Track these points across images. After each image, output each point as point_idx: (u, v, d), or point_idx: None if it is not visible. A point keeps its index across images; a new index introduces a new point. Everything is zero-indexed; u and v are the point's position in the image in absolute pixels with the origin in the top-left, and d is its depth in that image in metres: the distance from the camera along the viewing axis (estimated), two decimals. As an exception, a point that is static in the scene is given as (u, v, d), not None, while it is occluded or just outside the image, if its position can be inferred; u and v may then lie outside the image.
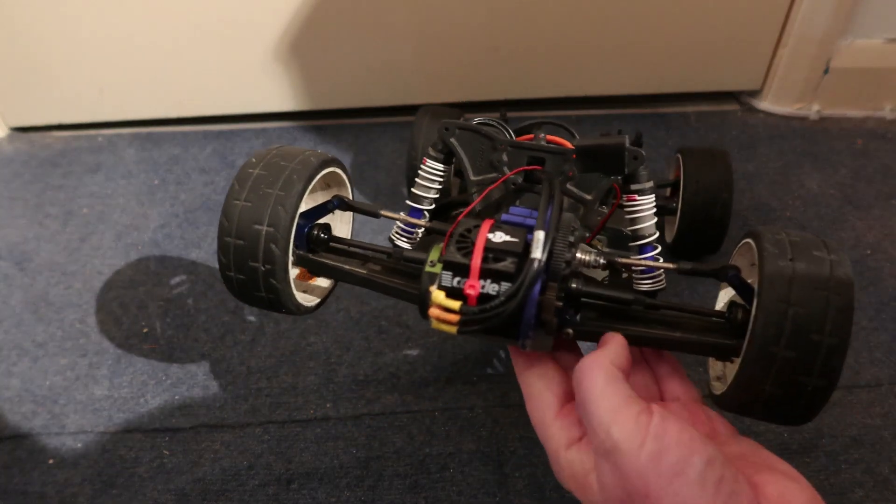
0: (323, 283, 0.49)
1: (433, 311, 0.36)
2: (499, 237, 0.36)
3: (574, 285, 0.39)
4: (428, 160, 0.46)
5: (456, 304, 0.35)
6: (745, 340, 0.35)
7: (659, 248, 0.43)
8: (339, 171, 0.47)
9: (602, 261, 0.40)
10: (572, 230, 0.37)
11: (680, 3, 0.86)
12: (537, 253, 0.34)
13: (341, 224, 0.52)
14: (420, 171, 0.46)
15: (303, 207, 0.43)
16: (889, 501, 0.54)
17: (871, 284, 0.71)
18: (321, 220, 0.46)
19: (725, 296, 0.47)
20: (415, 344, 0.66)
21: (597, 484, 0.32)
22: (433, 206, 0.47)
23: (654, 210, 0.43)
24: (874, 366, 0.63)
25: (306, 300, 0.46)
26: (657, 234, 0.43)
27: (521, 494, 0.55)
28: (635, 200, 0.42)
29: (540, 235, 0.35)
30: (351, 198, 0.49)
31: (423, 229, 0.47)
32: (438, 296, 0.36)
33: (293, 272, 0.45)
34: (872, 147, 0.89)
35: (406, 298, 0.42)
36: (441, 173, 0.46)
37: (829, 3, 0.83)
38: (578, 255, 0.39)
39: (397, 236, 0.47)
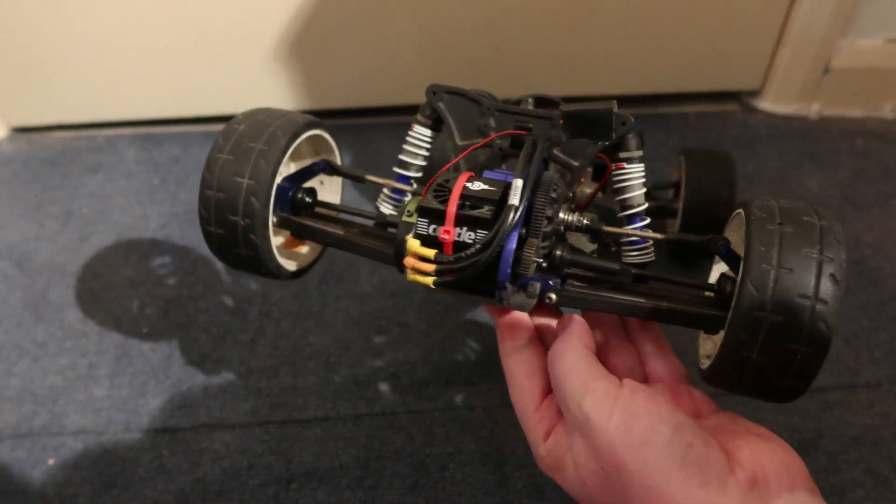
0: (307, 250, 0.49)
1: (408, 260, 0.36)
2: (477, 186, 0.36)
3: (559, 252, 0.38)
4: (416, 126, 0.45)
5: (430, 252, 0.35)
6: (731, 307, 0.34)
7: (648, 220, 0.42)
8: (326, 136, 0.47)
9: (586, 222, 0.39)
10: (554, 187, 0.37)
11: (680, 3, 0.86)
12: (514, 200, 0.34)
13: (330, 192, 0.52)
14: (407, 138, 0.46)
15: (290, 170, 0.42)
16: (889, 501, 0.54)
17: (870, 284, 0.71)
18: (307, 185, 0.46)
19: (718, 270, 0.46)
20: (415, 344, 0.66)
21: (572, 462, 0.33)
22: (420, 173, 0.46)
23: (644, 180, 0.42)
24: (874, 366, 0.63)
25: (287, 264, 0.46)
26: (646, 205, 0.42)
27: (521, 494, 0.55)
28: (624, 169, 0.42)
29: (518, 183, 0.35)
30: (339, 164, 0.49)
31: (409, 196, 0.46)
32: (413, 244, 0.36)
33: (279, 238, 0.46)
34: (872, 147, 0.89)
35: (380, 259, 0.42)
36: (428, 139, 0.45)
37: (829, 3, 0.83)
38: (561, 214, 0.39)
39: (383, 202, 0.47)
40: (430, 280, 0.36)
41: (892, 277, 0.71)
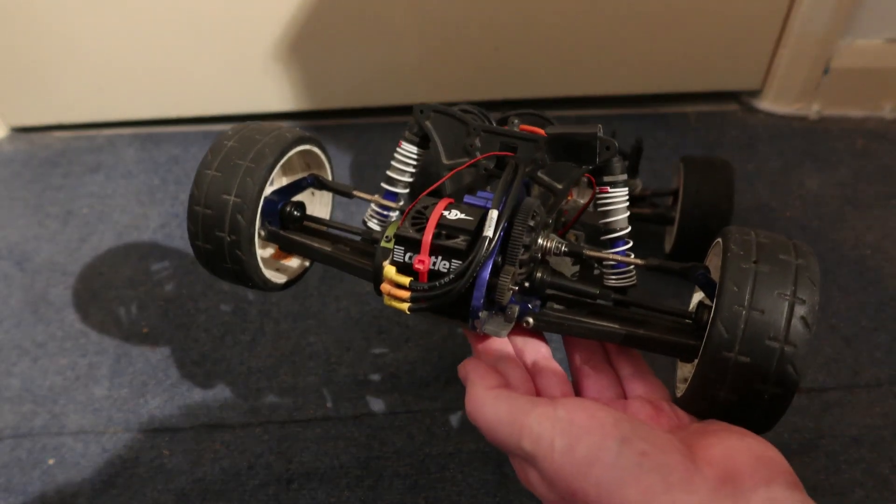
0: (296, 263, 0.49)
1: (384, 287, 0.37)
2: (454, 215, 0.36)
3: (539, 275, 0.39)
4: (403, 143, 0.46)
5: (405, 280, 0.36)
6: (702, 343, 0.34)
7: (630, 244, 0.42)
8: (317, 151, 0.47)
9: (564, 249, 0.40)
10: (533, 214, 0.37)
11: (680, 3, 0.86)
12: (489, 231, 0.34)
13: (321, 206, 0.52)
14: (395, 154, 0.46)
15: (282, 183, 0.43)
16: (889, 501, 0.54)
17: (870, 284, 0.71)
18: (297, 199, 0.46)
19: (698, 297, 0.46)
20: (415, 344, 0.66)
21: (538, 492, 0.33)
22: (407, 189, 0.47)
23: (627, 203, 0.42)
24: (874, 366, 0.63)
25: (275, 276, 0.46)
26: (629, 229, 0.42)
27: (521, 494, 0.55)
28: (607, 193, 0.41)
29: (493, 214, 0.35)
30: (330, 179, 0.49)
31: (396, 212, 0.47)
32: (390, 271, 0.36)
33: (268, 250, 0.46)
34: (872, 147, 0.89)
35: (365, 276, 0.42)
36: (415, 156, 0.46)
37: (829, 3, 0.83)
38: (540, 241, 0.39)
39: (371, 218, 0.47)
40: (405, 306, 0.36)
41: (891, 277, 0.71)
